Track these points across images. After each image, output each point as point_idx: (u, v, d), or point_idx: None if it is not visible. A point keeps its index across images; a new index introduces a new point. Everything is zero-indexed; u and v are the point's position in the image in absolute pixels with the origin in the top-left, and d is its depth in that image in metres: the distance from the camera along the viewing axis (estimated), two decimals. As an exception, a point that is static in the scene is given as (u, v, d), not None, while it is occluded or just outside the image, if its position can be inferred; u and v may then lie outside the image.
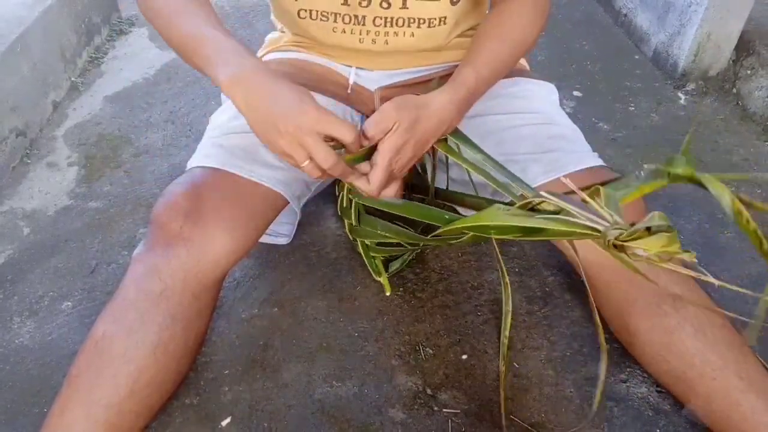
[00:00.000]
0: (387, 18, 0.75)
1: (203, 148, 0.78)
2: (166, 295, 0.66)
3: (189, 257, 0.66)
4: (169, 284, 0.66)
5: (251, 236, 0.72)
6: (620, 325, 0.75)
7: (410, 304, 0.92)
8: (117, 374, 0.64)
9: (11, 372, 0.84)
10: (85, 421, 0.63)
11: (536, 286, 0.94)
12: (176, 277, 0.66)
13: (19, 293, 0.96)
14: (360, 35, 0.77)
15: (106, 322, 0.66)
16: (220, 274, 0.70)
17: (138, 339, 0.65)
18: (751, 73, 1.34)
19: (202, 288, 0.68)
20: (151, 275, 0.66)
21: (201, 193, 0.69)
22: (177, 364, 0.69)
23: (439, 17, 0.77)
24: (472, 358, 0.84)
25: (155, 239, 0.68)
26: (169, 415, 0.77)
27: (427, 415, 0.77)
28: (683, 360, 0.68)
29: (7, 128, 1.21)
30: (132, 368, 0.64)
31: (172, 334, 0.66)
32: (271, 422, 0.76)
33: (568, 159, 0.72)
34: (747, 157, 1.21)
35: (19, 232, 1.08)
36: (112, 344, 0.64)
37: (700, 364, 0.66)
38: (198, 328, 0.72)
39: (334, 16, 0.76)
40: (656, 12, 1.50)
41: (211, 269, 0.68)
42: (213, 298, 0.73)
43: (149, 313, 0.65)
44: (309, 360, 0.84)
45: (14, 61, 1.25)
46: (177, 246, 0.66)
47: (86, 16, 1.61)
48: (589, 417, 0.75)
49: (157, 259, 0.67)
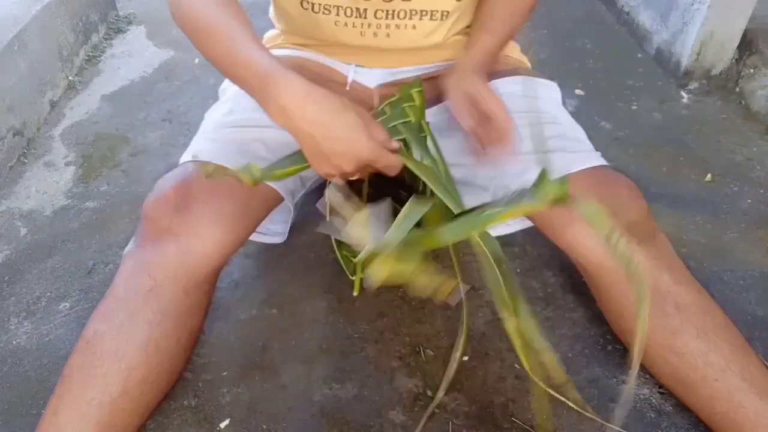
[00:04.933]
0: (389, 11, 0.75)
1: (196, 143, 0.78)
2: (156, 292, 0.65)
3: (178, 252, 0.65)
4: (158, 280, 0.65)
5: (243, 230, 0.70)
6: (622, 326, 0.74)
7: (410, 306, 0.91)
8: (108, 373, 0.63)
9: (8, 373, 0.83)
10: (78, 420, 0.62)
11: (538, 287, 0.94)
12: (166, 272, 0.65)
13: (17, 294, 0.95)
14: (361, 28, 0.77)
15: (96, 321, 0.66)
16: (212, 269, 0.69)
17: (128, 337, 0.64)
18: (754, 72, 1.33)
19: (194, 284, 0.67)
20: (140, 272, 0.66)
21: (191, 187, 0.68)
22: (170, 361, 0.68)
23: (442, 11, 0.76)
24: (473, 360, 0.83)
25: (145, 235, 0.68)
26: (168, 417, 0.77)
27: (428, 417, 0.76)
28: (686, 362, 0.67)
29: (4, 127, 1.20)
30: (123, 366, 0.64)
31: (163, 331, 0.65)
32: (270, 424, 0.76)
33: (571, 159, 0.72)
34: (750, 156, 1.20)
35: (16, 233, 1.08)
36: (103, 343, 0.64)
37: (703, 366, 0.66)
38: (191, 325, 0.70)
39: (336, 8, 0.75)
40: (659, 10, 1.50)
41: (201, 264, 0.67)
42: (206, 294, 0.72)
43: (139, 310, 0.65)
44: (308, 362, 0.83)
45: (11, 60, 1.24)
46: (166, 241, 0.65)
47: (83, 15, 1.60)
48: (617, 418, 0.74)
49: (147, 255, 0.66)
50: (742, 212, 1.07)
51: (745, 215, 1.06)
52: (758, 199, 1.10)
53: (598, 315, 0.89)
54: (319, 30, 0.80)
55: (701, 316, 0.67)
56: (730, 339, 0.67)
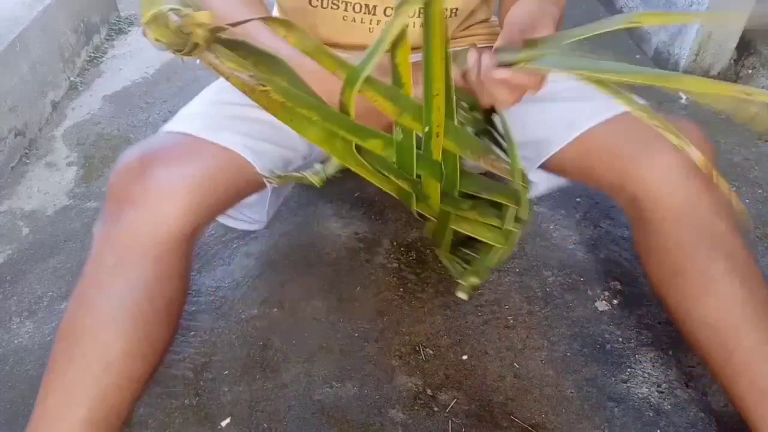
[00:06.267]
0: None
1: (179, 115, 0.76)
2: (122, 264, 0.64)
3: (140, 219, 0.63)
4: (123, 252, 0.64)
5: (211, 198, 0.67)
6: (661, 260, 0.71)
7: (410, 305, 0.91)
8: (86, 352, 0.63)
9: (10, 372, 0.84)
10: (67, 402, 0.63)
11: (536, 286, 0.94)
12: (129, 243, 0.63)
13: (18, 293, 0.96)
14: (370, 24, 0.77)
15: (71, 305, 0.66)
16: (180, 236, 0.66)
17: (101, 313, 0.64)
18: (752, 73, 1.34)
19: (163, 250, 0.65)
20: (105, 247, 0.65)
21: (155, 155, 0.66)
22: (150, 331, 0.66)
23: (451, 9, 0.77)
24: (473, 359, 0.83)
25: (108, 209, 0.66)
26: (169, 416, 0.77)
27: (428, 416, 0.77)
28: (721, 307, 0.66)
29: (6, 128, 1.20)
30: (100, 342, 0.63)
31: (135, 301, 0.64)
32: (271, 423, 0.76)
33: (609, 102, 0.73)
34: (748, 156, 1.21)
35: (18, 233, 1.08)
36: (78, 325, 0.64)
37: (739, 312, 0.66)
38: (169, 293, 0.68)
39: (345, 4, 0.75)
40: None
41: (164, 230, 0.64)
42: (180, 260, 0.68)
43: (108, 285, 0.64)
44: (309, 360, 0.84)
45: (13, 61, 1.25)
46: (128, 210, 0.64)
47: (85, 16, 1.61)
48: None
49: (111, 229, 0.65)
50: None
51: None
52: (756, 199, 1.11)
53: (597, 314, 0.90)
54: (327, 26, 0.79)
55: (746, 268, 0.67)
56: (765, 297, 0.67)
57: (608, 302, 0.92)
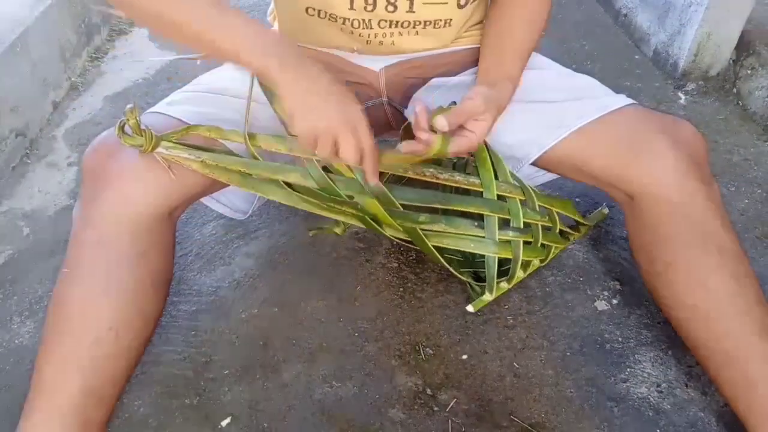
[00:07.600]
0: (393, 21, 0.75)
1: (169, 99, 0.77)
2: (102, 242, 0.65)
3: (116, 196, 0.64)
4: (102, 230, 0.64)
5: (189, 175, 0.67)
6: (654, 255, 0.73)
7: (410, 304, 0.91)
8: (74, 328, 0.65)
9: (11, 372, 0.84)
10: (63, 376, 0.64)
11: (536, 285, 0.94)
12: (108, 221, 0.64)
13: (19, 293, 0.96)
14: (368, 37, 0.78)
15: (57, 288, 0.67)
16: (158, 213, 0.67)
17: (86, 290, 0.65)
18: (751, 73, 1.34)
19: (142, 228, 0.66)
20: (84, 227, 0.65)
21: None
22: (138, 303, 0.68)
23: (445, 19, 0.77)
24: (472, 358, 0.84)
25: (84, 189, 0.67)
26: (169, 416, 0.77)
27: (427, 416, 0.77)
28: (713, 298, 0.68)
29: (7, 128, 1.21)
30: (88, 317, 0.65)
31: (118, 274, 0.65)
32: (271, 422, 0.76)
33: (607, 101, 0.74)
34: (747, 156, 1.21)
35: (18, 233, 1.08)
36: (65, 303, 0.66)
37: (727, 306, 0.67)
38: (154, 267, 0.69)
39: (342, 19, 0.76)
40: (656, 12, 1.50)
41: (141, 207, 0.65)
42: (162, 235, 0.69)
43: (91, 261, 0.65)
44: (309, 360, 0.84)
45: (14, 61, 1.25)
46: (104, 189, 0.64)
47: (86, 16, 1.61)
48: None
49: (89, 208, 0.65)
50: (739, 212, 1.08)
51: (743, 215, 1.07)
52: (755, 198, 1.11)
53: (596, 314, 0.90)
54: (324, 34, 0.80)
55: (738, 263, 0.68)
56: (756, 291, 0.68)
57: (608, 302, 0.92)
